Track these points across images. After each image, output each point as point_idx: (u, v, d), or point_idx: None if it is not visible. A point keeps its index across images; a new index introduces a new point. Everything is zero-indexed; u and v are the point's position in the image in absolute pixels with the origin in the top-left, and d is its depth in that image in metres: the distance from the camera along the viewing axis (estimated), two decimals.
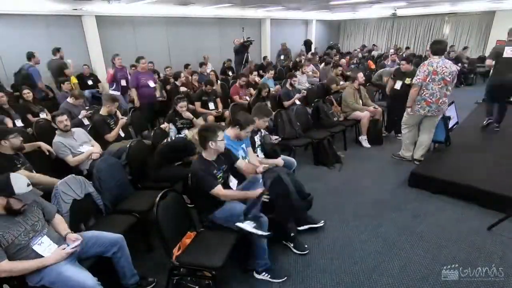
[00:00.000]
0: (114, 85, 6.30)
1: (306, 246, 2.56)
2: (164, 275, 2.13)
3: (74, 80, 6.62)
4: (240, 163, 2.58)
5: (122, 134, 3.77)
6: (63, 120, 3.02)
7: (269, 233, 2.12)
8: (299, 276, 2.32)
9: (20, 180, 1.77)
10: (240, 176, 2.63)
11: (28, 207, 1.82)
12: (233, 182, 2.51)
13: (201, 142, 2.32)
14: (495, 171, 3.43)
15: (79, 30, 7.34)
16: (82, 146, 3.13)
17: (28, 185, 1.79)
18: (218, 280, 2.00)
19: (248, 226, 2.07)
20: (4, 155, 2.57)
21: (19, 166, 2.60)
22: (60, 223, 2.02)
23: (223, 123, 4.45)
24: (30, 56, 5.41)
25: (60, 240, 1.93)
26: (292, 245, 2.57)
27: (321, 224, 2.84)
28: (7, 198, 1.70)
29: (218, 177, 2.32)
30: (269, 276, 2.29)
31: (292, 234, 2.55)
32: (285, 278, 2.28)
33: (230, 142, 2.67)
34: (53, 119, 3.08)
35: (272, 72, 6.22)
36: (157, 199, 2.02)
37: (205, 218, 2.36)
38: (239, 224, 2.10)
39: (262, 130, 3.32)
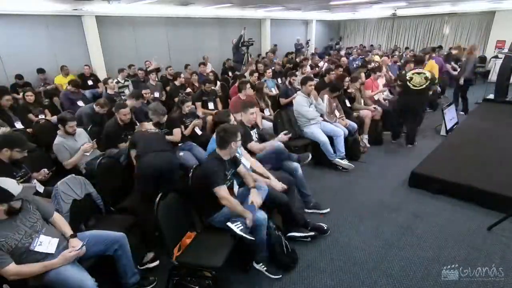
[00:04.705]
0: None
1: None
2: (164, 275, 2.13)
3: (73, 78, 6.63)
4: (241, 169, 2.52)
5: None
6: (73, 125, 3.07)
7: (252, 238, 2.14)
8: (299, 276, 2.32)
9: (9, 182, 1.75)
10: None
11: (24, 207, 1.81)
12: (236, 187, 2.49)
13: (221, 143, 2.31)
14: (495, 171, 3.42)
15: (79, 30, 7.32)
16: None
17: (18, 183, 1.79)
18: (218, 280, 2.00)
19: (236, 228, 2.12)
20: (3, 163, 2.36)
21: (18, 178, 2.39)
22: (61, 221, 2.00)
23: None
24: None
25: (62, 237, 1.92)
26: (264, 268, 2.38)
27: (327, 210, 3.09)
28: (8, 204, 1.70)
29: (227, 178, 2.34)
30: (265, 268, 2.33)
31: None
32: (281, 276, 2.30)
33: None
34: (62, 120, 3.04)
35: (270, 71, 6.20)
36: (157, 199, 2.03)
37: (204, 221, 2.36)
38: (229, 224, 2.15)
39: (261, 126, 3.31)
